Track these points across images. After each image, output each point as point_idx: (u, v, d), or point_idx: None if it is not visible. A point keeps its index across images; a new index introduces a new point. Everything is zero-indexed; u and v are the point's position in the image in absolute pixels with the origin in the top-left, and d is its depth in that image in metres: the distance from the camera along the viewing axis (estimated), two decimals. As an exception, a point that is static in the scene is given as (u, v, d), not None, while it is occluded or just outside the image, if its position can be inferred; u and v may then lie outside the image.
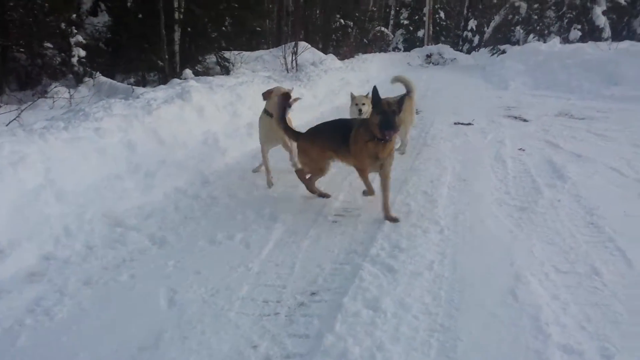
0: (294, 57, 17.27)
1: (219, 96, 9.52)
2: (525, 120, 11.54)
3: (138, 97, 8.22)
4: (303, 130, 6.47)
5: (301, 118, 11.54)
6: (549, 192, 6.49)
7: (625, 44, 20.23)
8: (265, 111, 6.99)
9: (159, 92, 8.71)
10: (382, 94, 5.44)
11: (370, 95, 5.58)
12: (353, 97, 8.14)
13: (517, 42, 33.84)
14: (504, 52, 27.99)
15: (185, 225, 5.62)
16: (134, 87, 13.33)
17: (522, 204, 6.10)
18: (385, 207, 5.69)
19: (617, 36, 27.66)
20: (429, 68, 32.72)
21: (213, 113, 8.89)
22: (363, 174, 5.92)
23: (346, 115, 11.40)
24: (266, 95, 6.99)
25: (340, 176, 7.29)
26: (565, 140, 9.28)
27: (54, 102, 11.95)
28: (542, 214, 5.79)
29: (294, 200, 6.40)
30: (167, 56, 14.47)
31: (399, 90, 8.78)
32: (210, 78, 11.45)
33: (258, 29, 22.01)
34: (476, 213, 5.80)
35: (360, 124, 5.70)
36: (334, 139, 5.93)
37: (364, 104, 7.77)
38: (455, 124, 11.16)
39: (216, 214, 5.96)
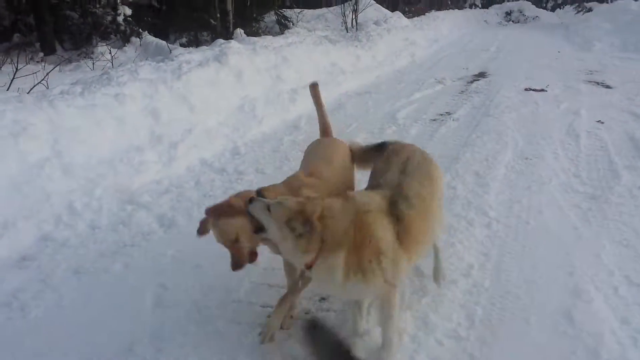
0: (354, 15, 16.25)
1: (261, 58, 8.87)
2: (607, 87, 10.18)
3: (172, 60, 7.68)
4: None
5: (356, 81, 10.80)
6: (629, 176, 5.46)
7: None
8: None
9: (195, 54, 8.15)
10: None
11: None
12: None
13: (605, 0, 30.93)
14: (590, 10, 25.56)
15: (200, 206, 5.04)
16: (171, 47, 12.85)
17: (593, 191, 5.13)
18: None
19: None
20: (508, 26, 30.55)
21: (253, 77, 8.26)
22: None
23: (407, 78, 10.56)
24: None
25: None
26: (655, 111, 8.01)
27: (93, 63, 11.69)
28: (618, 205, 4.82)
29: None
30: (219, 15, 13.89)
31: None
32: (256, 39, 10.81)
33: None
34: (536, 202, 4.91)
35: None
36: None
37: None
38: (525, 90, 9.99)
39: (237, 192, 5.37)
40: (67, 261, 4.11)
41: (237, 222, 2.75)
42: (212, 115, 7.03)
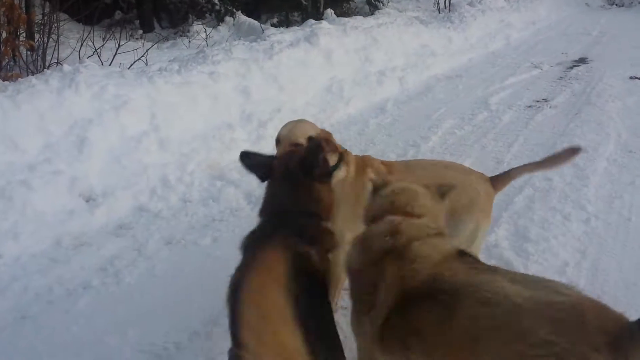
0: (447, -5, 15.77)
1: (351, 39, 8.80)
2: None
3: (264, 40, 7.78)
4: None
5: (446, 64, 10.50)
6: None
7: None
8: None
9: (287, 35, 8.22)
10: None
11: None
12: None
13: None
14: None
15: (286, 184, 5.14)
16: (263, 27, 12.97)
17: None
18: None
19: None
20: (611, 10, 28.44)
21: (342, 58, 8.22)
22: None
23: (501, 62, 10.29)
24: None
25: (471, 138, 6.31)
26: None
27: (189, 41, 12.04)
28: None
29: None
30: (310, -6, 13.91)
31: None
32: (346, 19, 10.72)
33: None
34: (639, 199, 4.58)
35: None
36: None
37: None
38: (631, 78, 9.28)
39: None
40: (160, 232, 4.30)
41: None
42: (301, 95, 7.07)
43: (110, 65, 7.99)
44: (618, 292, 3.31)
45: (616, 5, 31.53)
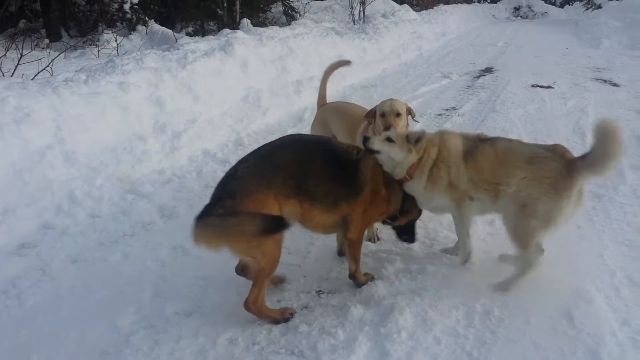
0: (361, 7, 16.13)
1: (267, 49, 8.81)
2: (615, 85, 10.07)
3: (178, 49, 7.64)
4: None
5: (361, 74, 10.73)
6: (634, 175, 5.40)
7: None
8: None
9: (202, 44, 8.12)
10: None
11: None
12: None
13: (615, -4, 30.57)
14: (599, 6, 25.26)
15: (202, 196, 5.02)
16: (177, 36, 12.76)
17: (597, 190, 5.07)
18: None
19: None
20: (516, 22, 30.28)
21: (258, 68, 8.21)
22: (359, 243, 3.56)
23: (413, 72, 10.49)
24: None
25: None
26: (662, 111, 7.93)
27: (99, 50, 11.64)
28: (622, 204, 4.77)
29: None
30: (225, 4, 13.79)
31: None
32: (262, 29, 10.73)
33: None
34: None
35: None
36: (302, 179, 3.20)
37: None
38: (532, 86, 9.90)
39: (238, 184, 5.35)
40: (66, 250, 4.11)
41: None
42: (216, 105, 7.00)
43: (12, 76, 7.57)
44: (520, 293, 3.47)
45: (520, 17, 33.54)
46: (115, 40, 11.95)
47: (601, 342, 2.97)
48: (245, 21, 13.82)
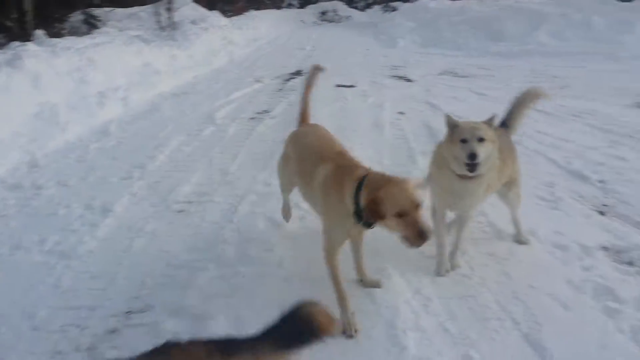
0: (169, 14, 15.75)
1: (62, 61, 8.18)
2: (409, 81, 11.09)
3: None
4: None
5: (172, 82, 10.50)
6: (424, 161, 5.95)
7: (509, 0, 20.41)
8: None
9: (-19, 59, 7.26)
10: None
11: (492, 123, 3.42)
12: (455, 126, 3.43)
13: None
14: (395, 9, 27.68)
15: (-10, 230, 4.52)
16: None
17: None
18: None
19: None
20: (322, 26, 31.91)
21: (53, 81, 7.58)
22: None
23: (225, 77, 10.48)
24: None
25: (198, 153, 6.42)
26: (447, 101, 8.89)
27: None
28: (415, 187, 5.23)
29: (135, 185, 5.43)
30: (16, 15, 12.55)
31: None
32: (57, 40, 9.96)
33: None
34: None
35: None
36: None
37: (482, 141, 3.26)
38: (337, 86, 10.49)
39: (34, 209, 4.88)
40: None
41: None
42: (5, 124, 6.31)
43: None
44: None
45: (327, 21, 35.38)
46: None
47: (397, 312, 3.23)
48: (40, 32, 12.66)
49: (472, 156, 3.18)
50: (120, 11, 18.51)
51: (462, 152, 3.24)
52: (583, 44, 13.82)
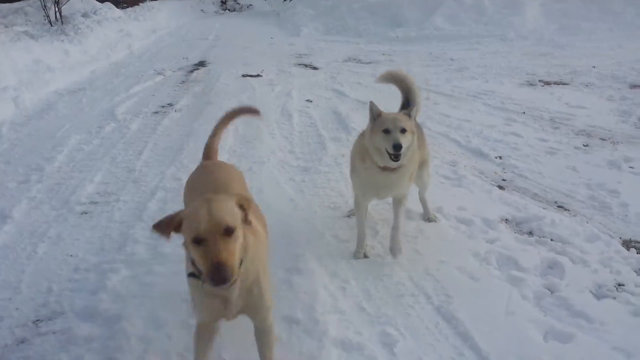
0: (57, 8, 14.81)
1: None
2: (315, 68, 11.19)
3: None
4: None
5: (67, 78, 9.96)
6: (334, 146, 6.09)
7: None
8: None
9: None
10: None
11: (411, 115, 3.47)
12: (377, 115, 3.44)
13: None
14: (295, -3, 27.66)
15: None
16: None
17: (306, 164, 5.61)
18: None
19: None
20: (224, 15, 31.31)
21: None
22: None
23: (125, 71, 10.13)
24: None
25: (100, 151, 6.17)
26: (352, 87, 9.08)
27: None
28: (326, 173, 5.33)
29: (33, 189, 5.13)
30: None
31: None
32: None
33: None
34: (256, 182, 5.13)
35: None
36: None
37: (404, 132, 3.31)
38: (243, 76, 10.39)
39: None
40: None
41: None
42: None
43: None
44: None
45: (228, 10, 34.78)
46: None
47: (316, 296, 3.29)
48: None
49: (397, 147, 3.23)
50: (5, 7, 17.20)
51: (385, 142, 3.30)
52: (476, 26, 14.51)
